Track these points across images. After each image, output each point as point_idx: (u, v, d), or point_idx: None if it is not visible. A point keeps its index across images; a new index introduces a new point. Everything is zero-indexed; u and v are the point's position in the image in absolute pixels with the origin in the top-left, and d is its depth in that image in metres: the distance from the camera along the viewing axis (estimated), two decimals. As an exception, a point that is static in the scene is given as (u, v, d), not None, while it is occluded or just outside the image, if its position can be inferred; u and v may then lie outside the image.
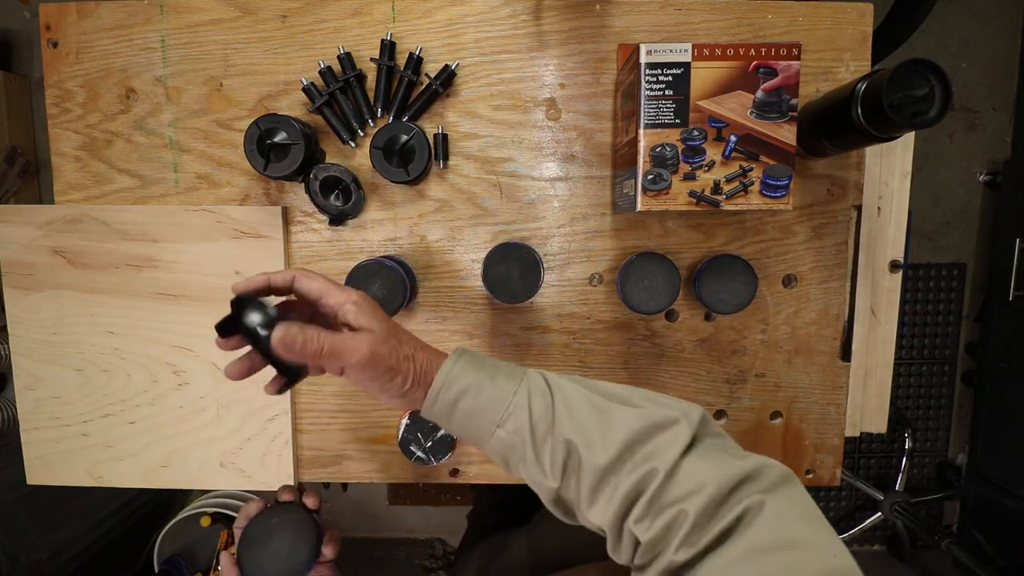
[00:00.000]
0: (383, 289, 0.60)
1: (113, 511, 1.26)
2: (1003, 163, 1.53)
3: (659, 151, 0.54)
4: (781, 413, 0.69)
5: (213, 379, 0.68)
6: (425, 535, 1.69)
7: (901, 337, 1.59)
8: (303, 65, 0.66)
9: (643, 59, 0.53)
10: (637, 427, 0.38)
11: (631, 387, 0.42)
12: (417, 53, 0.64)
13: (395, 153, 0.62)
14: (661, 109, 0.54)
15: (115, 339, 0.68)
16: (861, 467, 1.65)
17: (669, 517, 0.34)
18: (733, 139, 0.54)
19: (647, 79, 0.53)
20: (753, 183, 0.55)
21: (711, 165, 0.54)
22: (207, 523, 1.23)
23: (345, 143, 0.66)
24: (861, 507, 1.66)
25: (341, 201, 0.64)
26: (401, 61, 0.65)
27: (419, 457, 0.59)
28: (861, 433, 0.76)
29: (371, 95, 0.66)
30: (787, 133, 0.54)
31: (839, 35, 0.65)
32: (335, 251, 0.68)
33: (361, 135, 0.66)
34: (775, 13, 0.65)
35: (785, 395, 0.69)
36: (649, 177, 0.54)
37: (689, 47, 0.53)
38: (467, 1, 0.65)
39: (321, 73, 0.64)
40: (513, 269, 0.62)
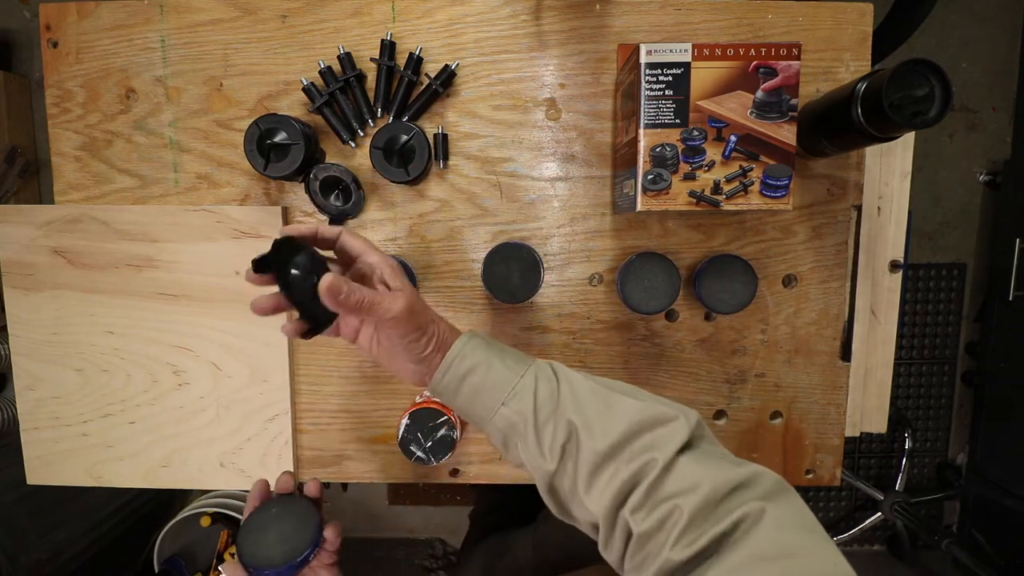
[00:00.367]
0: (383, 289, 0.60)
1: (113, 511, 1.26)
2: (1003, 163, 1.53)
3: (659, 151, 0.54)
4: (781, 413, 0.69)
5: (213, 379, 0.68)
6: (425, 535, 1.69)
7: (901, 337, 1.59)
8: (303, 65, 0.66)
9: (643, 59, 0.53)
10: (639, 418, 0.39)
11: (635, 387, 0.44)
12: (417, 53, 0.64)
13: (395, 153, 0.62)
14: (661, 109, 0.54)
15: (115, 339, 0.68)
16: (861, 467, 1.65)
17: (664, 511, 0.34)
18: (733, 139, 0.54)
19: (647, 79, 0.53)
20: (753, 183, 0.55)
21: (711, 165, 0.54)
22: (207, 523, 1.23)
23: (345, 143, 0.66)
24: (861, 507, 1.66)
25: (341, 201, 0.65)
26: (401, 61, 0.65)
27: (419, 457, 0.59)
28: (861, 433, 0.76)
29: (371, 95, 0.66)
30: (787, 133, 0.54)
31: (839, 35, 0.65)
32: (335, 251, 0.68)
33: (361, 135, 0.66)
34: (775, 13, 0.65)
35: (785, 395, 0.69)
36: (649, 177, 0.54)
37: (689, 47, 0.53)
38: (467, 1, 0.65)
39: (321, 73, 0.64)
40: (513, 269, 0.62)
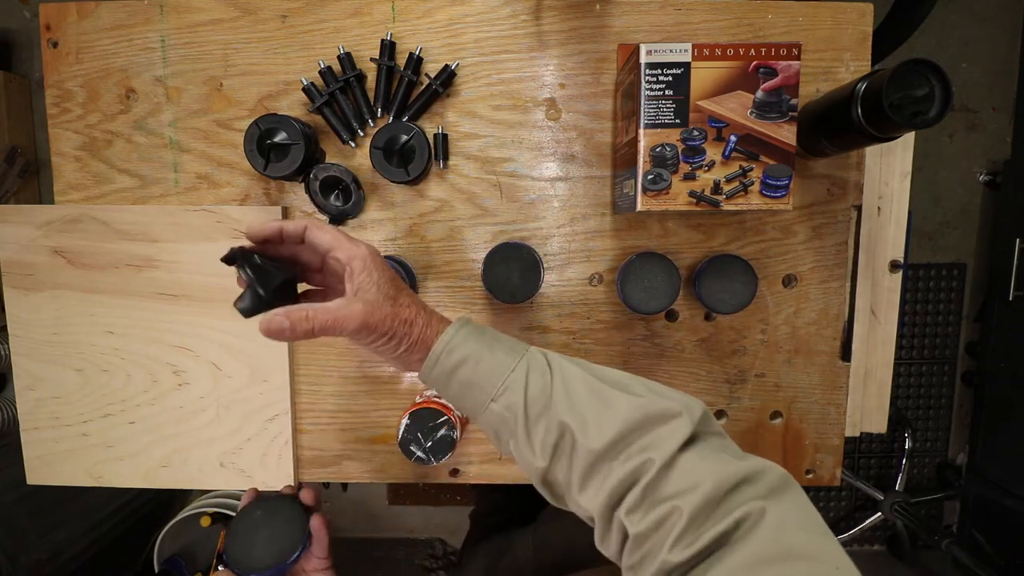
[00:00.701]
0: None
1: (113, 511, 1.26)
2: (1003, 163, 1.53)
3: (659, 151, 0.54)
4: (781, 413, 0.69)
5: (213, 379, 0.68)
6: (425, 535, 1.69)
7: (901, 337, 1.59)
8: (303, 65, 0.66)
9: (643, 59, 0.53)
10: (636, 416, 0.37)
11: (635, 376, 0.42)
12: (417, 53, 0.64)
13: (395, 153, 0.62)
14: (661, 109, 0.54)
15: (115, 339, 0.68)
16: (861, 467, 1.65)
17: (662, 512, 0.33)
18: (733, 139, 0.54)
19: (647, 79, 0.53)
20: (753, 183, 0.55)
21: (711, 165, 0.54)
22: (207, 523, 1.23)
23: (345, 143, 0.66)
24: (861, 507, 1.66)
25: (341, 201, 0.64)
26: (401, 61, 0.65)
27: (419, 457, 0.59)
28: (861, 433, 0.76)
29: (371, 95, 0.66)
30: (787, 133, 0.54)
31: (839, 35, 0.65)
32: (335, 251, 0.68)
33: (361, 135, 0.66)
34: (775, 13, 0.65)
35: (785, 395, 0.69)
36: (649, 177, 0.54)
37: (689, 47, 0.53)
38: (467, 1, 0.65)
39: (321, 73, 0.64)
40: (513, 269, 0.62)
